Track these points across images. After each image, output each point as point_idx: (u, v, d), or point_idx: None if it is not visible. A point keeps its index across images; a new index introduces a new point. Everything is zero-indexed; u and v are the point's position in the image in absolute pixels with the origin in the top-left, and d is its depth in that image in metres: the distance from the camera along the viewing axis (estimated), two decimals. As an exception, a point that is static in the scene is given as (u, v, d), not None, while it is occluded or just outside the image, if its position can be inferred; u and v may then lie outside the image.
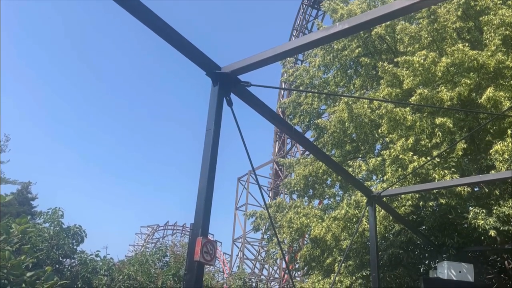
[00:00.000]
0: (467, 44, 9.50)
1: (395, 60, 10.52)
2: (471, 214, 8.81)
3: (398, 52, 11.61)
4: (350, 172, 8.97)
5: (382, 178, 10.30)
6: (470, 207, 9.15)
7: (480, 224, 8.56)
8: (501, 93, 8.62)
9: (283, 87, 29.39)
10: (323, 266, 12.07)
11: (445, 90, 9.26)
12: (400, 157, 9.15)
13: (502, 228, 8.62)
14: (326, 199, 13.84)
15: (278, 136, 38.16)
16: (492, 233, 8.49)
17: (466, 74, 9.40)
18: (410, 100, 9.60)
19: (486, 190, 9.26)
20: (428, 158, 9.03)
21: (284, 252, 14.04)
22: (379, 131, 10.58)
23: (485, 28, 9.58)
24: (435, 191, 8.98)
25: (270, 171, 38.15)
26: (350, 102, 11.15)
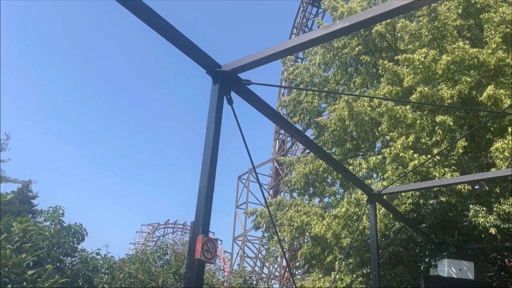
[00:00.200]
0: (467, 42, 9.49)
1: (395, 58, 10.51)
2: (472, 212, 8.82)
3: (398, 50, 11.60)
4: (350, 170, 8.98)
5: (383, 176, 10.31)
6: (471, 205, 9.15)
7: (480, 222, 8.56)
8: (501, 91, 8.61)
9: (283, 85, 29.38)
10: (323, 264, 12.07)
11: (445, 88, 9.25)
12: (400, 155, 9.15)
13: (502, 226, 8.62)
14: (327, 197, 13.85)
15: (278, 134, 38.14)
16: (492, 231, 8.49)
17: (466, 72, 9.39)
18: (411, 98, 9.60)
19: (487, 188, 9.25)
20: (428, 156, 9.03)
21: (284, 250, 14.04)
22: (380, 129, 10.58)
23: (485, 25, 9.57)
24: (436, 189, 8.99)
25: (271, 171, 38.13)
26: (351, 100, 11.14)
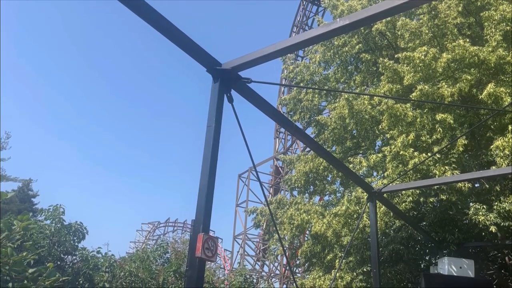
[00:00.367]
0: (467, 40, 9.48)
1: (395, 56, 10.50)
2: (472, 210, 8.81)
3: (398, 48, 11.59)
4: (350, 169, 8.98)
5: (383, 174, 10.31)
6: (471, 203, 9.15)
7: (480, 220, 8.56)
8: (502, 88, 8.61)
9: (283, 83, 29.34)
10: (323, 262, 12.08)
11: (445, 86, 9.24)
12: (400, 153, 9.15)
13: (502, 224, 8.62)
14: (327, 195, 13.87)
15: (278, 133, 38.13)
16: (492, 229, 8.49)
17: (466, 70, 9.38)
18: (411, 96, 9.59)
19: (487, 186, 9.26)
20: (428, 154, 9.03)
21: (285, 248, 14.05)
22: (380, 127, 10.58)
23: (486, 23, 9.56)
24: (436, 187, 8.99)
25: (271, 168, 38.12)
26: (351, 98, 11.14)
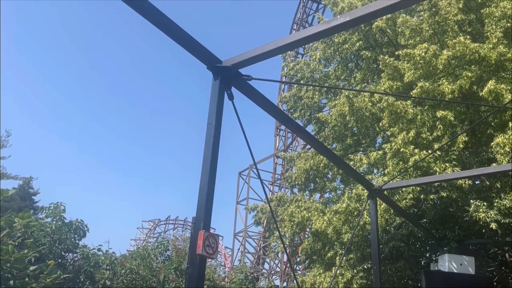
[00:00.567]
0: (468, 37, 9.46)
1: (396, 53, 10.49)
2: (472, 207, 8.82)
3: (399, 45, 11.57)
4: (351, 166, 8.97)
5: (383, 172, 10.30)
6: (471, 200, 9.15)
7: (481, 217, 8.56)
8: (502, 85, 8.59)
9: (283, 81, 29.30)
10: (324, 259, 12.10)
11: (446, 83, 9.23)
12: (401, 150, 9.15)
13: (503, 220, 8.62)
14: (327, 192, 13.87)
15: (279, 131, 38.10)
16: (493, 225, 8.50)
17: (467, 67, 9.37)
18: (411, 93, 9.58)
19: (487, 183, 9.26)
20: (429, 151, 9.03)
21: (285, 245, 14.07)
22: (380, 125, 10.57)
23: (486, 20, 9.54)
24: (436, 184, 8.99)
25: (274, 164, 38.06)
26: (351, 95, 11.13)
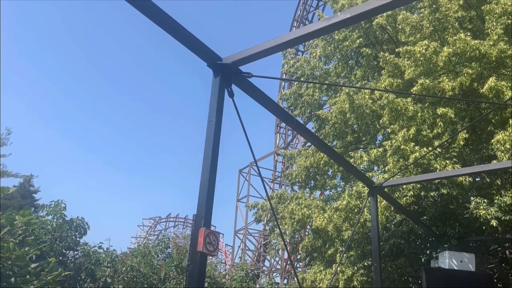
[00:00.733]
0: (469, 34, 9.44)
1: (396, 50, 10.47)
2: (473, 204, 8.82)
3: (399, 42, 11.55)
4: (351, 163, 8.98)
5: (384, 169, 10.31)
6: (472, 197, 9.16)
7: (481, 214, 8.57)
8: (503, 82, 8.58)
9: (283, 78, 29.27)
10: (324, 256, 12.12)
11: (446, 80, 9.22)
12: (401, 147, 9.15)
13: (503, 217, 8.62)
14: (328, 190, 13.87)
15: (279, 128, 38.08)
16: (493, 222, 8.50)
17: (467, 64, 9.35)
18: (412, 91, 9.57)
19: (488, 180, 9.26)
20: (429, 148, 9.02)
21: (286, 243, 14.10)
22: (381, 122, 10.56)
23: (487, 17, 9.52)
24: (437, 181, 8.99)
25: (275, 161, 38.06)
26: (351, 93, 11.12)
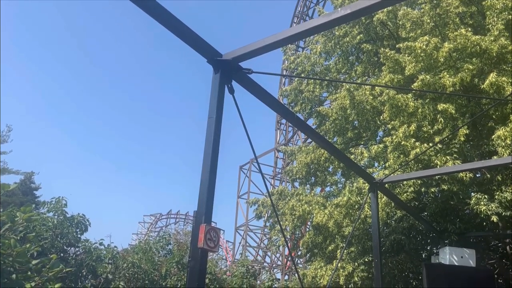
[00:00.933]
0: (469, 29, 9.42)
1: (397, 46, 10.45)
2: (473, 200, 8.82)
3: (400, 38, 11.52)
4: (352, 159, 8.97)
5: (384, 165, 10.30)
6: (472, 193, 9.15)
7: (482, 209, 8.57)
8: (503, 78, 8.56)
9: (284, 74, 29.23)
10: (325, 252, 12.14)
11: (447, 75, 9.20)
12: (402, 143, 9.14)
13: (504, 213, 8.63)
14: (328, 186, 13.88)
15: (279, 125, 38.06)
16: (494, 218, 8.51)
17: (468, 60, 9.33)
18: (412, 86, 9.56)
19: (488, 176, 9.25)
20: (430, 144, 9.02)
21: (286, 239, 14.12)
22: (381, 118, 10.55)
23: (488, 12, 9.49)
24: (437, 177, 8.98)
25: (275, 158, 38.08)
26: (352, 89, 11.10)
